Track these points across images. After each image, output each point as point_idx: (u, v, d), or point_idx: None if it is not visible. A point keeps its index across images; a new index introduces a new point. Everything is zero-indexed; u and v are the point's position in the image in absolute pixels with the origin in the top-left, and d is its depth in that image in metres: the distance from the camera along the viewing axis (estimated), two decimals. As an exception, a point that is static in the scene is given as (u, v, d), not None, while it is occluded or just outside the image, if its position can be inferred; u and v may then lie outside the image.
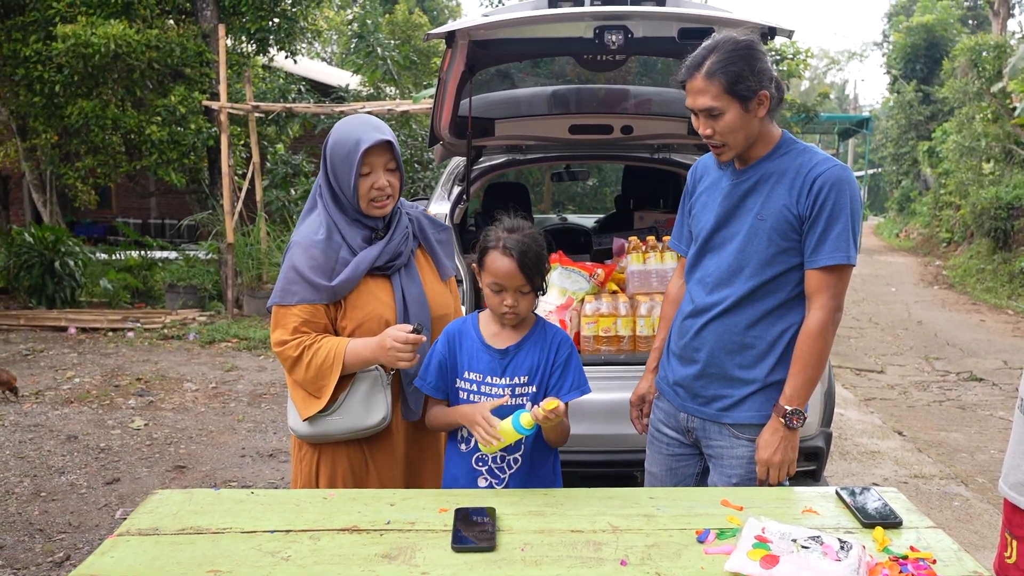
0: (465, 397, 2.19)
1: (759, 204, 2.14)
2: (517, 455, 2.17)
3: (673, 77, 2.16)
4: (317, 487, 2.30)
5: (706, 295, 2.23)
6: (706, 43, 2.08)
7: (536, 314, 2.30)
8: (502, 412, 2.08)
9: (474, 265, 2.23)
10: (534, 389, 2.15)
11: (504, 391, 2.15)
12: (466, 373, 2.19)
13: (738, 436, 2.22)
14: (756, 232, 2.13)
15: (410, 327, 2.09)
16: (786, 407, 2.13)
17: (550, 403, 1.91)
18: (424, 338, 2.11)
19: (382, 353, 2.11)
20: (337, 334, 2.24)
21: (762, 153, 2.16)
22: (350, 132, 2.21)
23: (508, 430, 1.97)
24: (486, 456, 2.17)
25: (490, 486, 2.19)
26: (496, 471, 2.19)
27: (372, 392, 2.23)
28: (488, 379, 2.17)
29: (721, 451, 2.26)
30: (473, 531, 1.70)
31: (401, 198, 2.36)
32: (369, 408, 2.23)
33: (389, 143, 2.21)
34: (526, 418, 1.95)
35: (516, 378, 2.16)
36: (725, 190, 2.21)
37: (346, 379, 2.19)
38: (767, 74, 2.06)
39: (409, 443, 2.36)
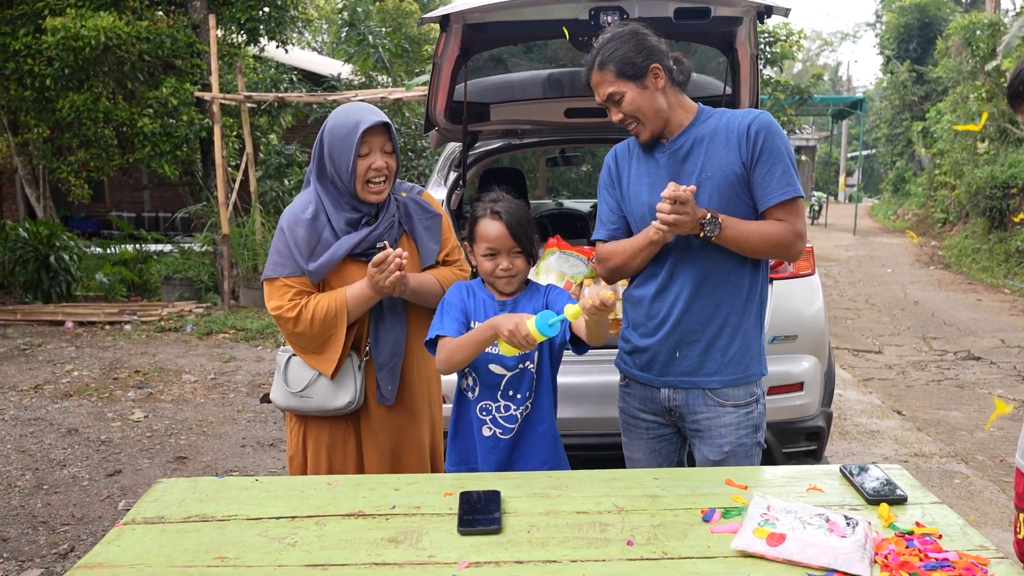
0: None
1: (700, 164, 2.19)
2: (527, 405, 2.23)
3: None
4: (305, 457, 2.39)
5: (667, 270, 2.25)
6: (596, 43, 2.21)
7: (530, 280, 2.36)
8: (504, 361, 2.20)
9: (465, 244, 2.31)
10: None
11: None
12: (473, 323, 2.23)
13: (722, 404, 2.24)
14: (704, 190, 2.16)
15: (379, 244, 2.21)
16: (715, 216, 2.11)
17: (606, 293, 1.90)
18: (390, 248, 2.17)
19: (372, 285, 2.18)
20: None
21: (686, 122, 2.24)
22: (348, 115, 2.25)
23: (534, 331, 1.97)
24: (489, 405, 2.23)
25: (493, 436, 2.23)
26: (501, 420, 2.23)
27: (342, 376, 2.30)
28: None
29: (708, 422, 2.27)
30: (479, 514, 1.70)
31: (397, 179, 2.38)
32: (337, 390, 2.29)
33: (387, 125, 2.25)
34: (571, 309, 1.95)
35: None
36: (662, 162, 2.25)
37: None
38: (656, 50, 2.18)
39: (391, 430, 2.39)
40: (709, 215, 2.10)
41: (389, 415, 2.38)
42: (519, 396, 2.23)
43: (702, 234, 2.11)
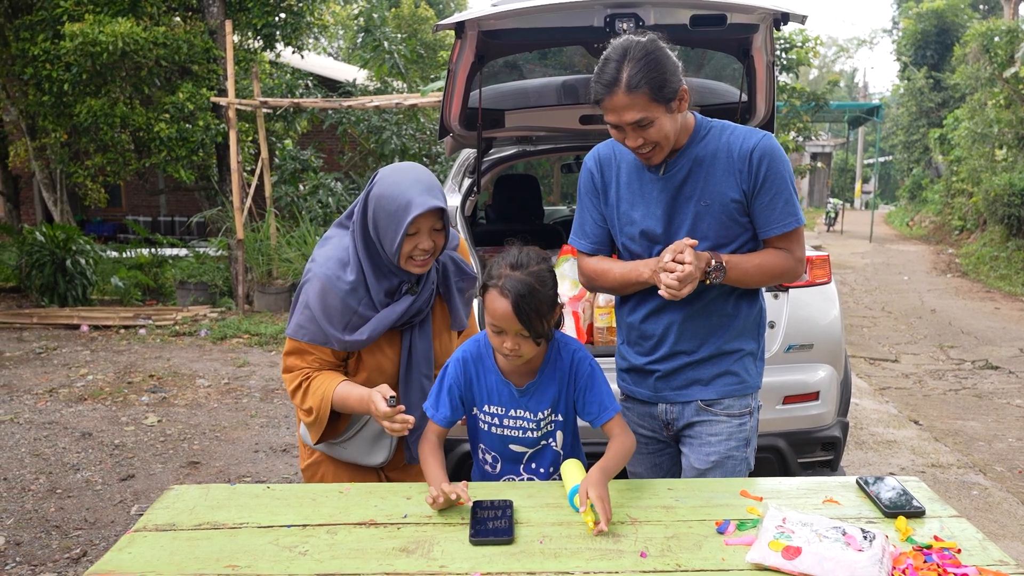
0: (486, 429, 2.12)
1: (698, 190, 2.09)
2: (551, 476, 2.13)
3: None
4: (318, 464, 2.34)
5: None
6: (609, 55, 1.97)
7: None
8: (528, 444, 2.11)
9: (480, 298, 2.09)
10: (560, 418, 2.10)
11: (531, 424, 2.08)
12: (486, 407, 2.10)
13: (716, 414, 2.20)
14: (702, 217, 2.09)
15: (389, 395, 1.96)
16: (720, 261, 2.03)
17: (588, 517, 1.71)
18: (403, 409, 1.98)
19: (365, 410, 2.04)
20: (347, 369, 2.20)
21: (683, 140, 2.11)
22: (401, 190, 2.03)
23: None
24: (513, 477, 2.14)
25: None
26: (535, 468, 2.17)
27: (380, 435, 2.25)
28: (512, 412, 2.08)
29: (700, 429, 2.22)
30: (491, 524, 1.69)
31: None
32: (373, 449, 2.26)
33: (441, 209, 2.05)
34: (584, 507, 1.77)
35: (540, 412, 2.08)
36: (659, 184, 2.12)
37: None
38: (680, 68, 2.00)
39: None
40: (714, 261, 2.02)
41: (418, 471, 2.26)
42: (542, 470, 2.14)
43: (708, 281, 2.03)
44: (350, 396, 2.06)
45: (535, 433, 2.09)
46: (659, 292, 1.99)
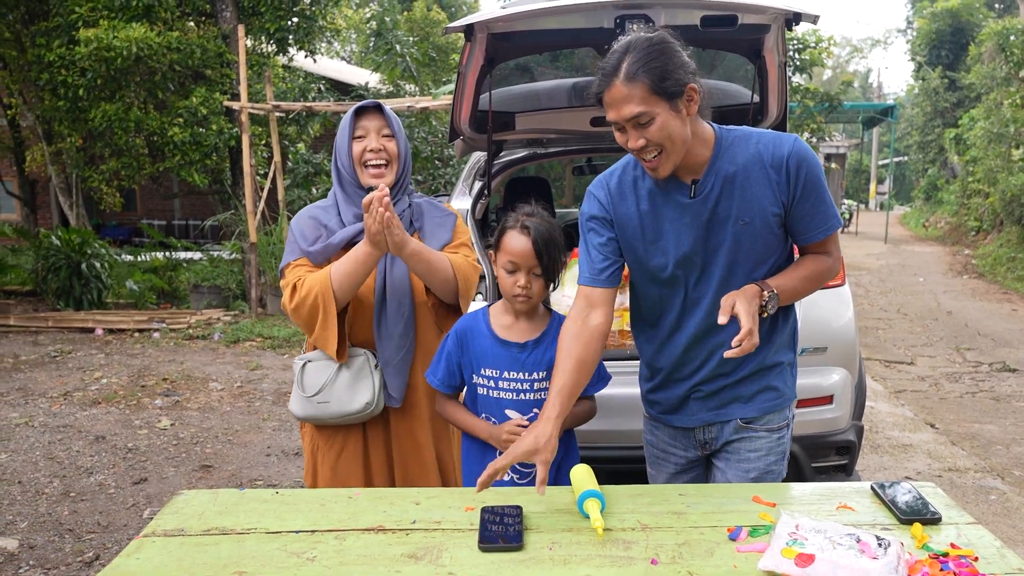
0: (484, 393, 2.20)
1: (734, 208, 1.94)
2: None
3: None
4: (316, 468, 2.36)
5: (705, 315, 2.05)
6: (614, 49, 1.85)
7: (552, 310, 2.29)
8: (521, 407, 2.12)
9: (490, 251, 2.22)
10: None
11: (524, 385, 2.15)
12: (482, 370, 2.18)
13: (755, 429, 2.13)
14: (741, 237, 1.96)
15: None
16: (772, 291, 1.93)
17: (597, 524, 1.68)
18: (384, 191, 2.04)
19: (367, 236, 2.11)
20: None
21: (707, 154, 1.95)
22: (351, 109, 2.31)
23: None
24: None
25: (511, 482, 2.18)
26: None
27: (358, 377, 2.26)
28: (506, 374, 2.17)
29: (738, 445, 2.15)
30: (500, 530, 1.67)
31: (414, 191, 2.38)
32: (355, 392, 2.25)
33: (380, 107, 2.28)
34: (594, 514, 1.73)
35: (536, 373, 2.16)
36: (691, 208, 1.96)
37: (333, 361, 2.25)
38: (690, 66, 1.85)
39: (398, 434, 2.34)
40: (766, 293, 1.90)
41: (396, 418, 2.33)
42: None
43: (766, 315, 1.93)
44: (346, 258, 2.17)
45: (529, 395, 2.15)
46: (727, 354, 1.82)
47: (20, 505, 4.09)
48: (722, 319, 1.82)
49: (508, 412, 2.18)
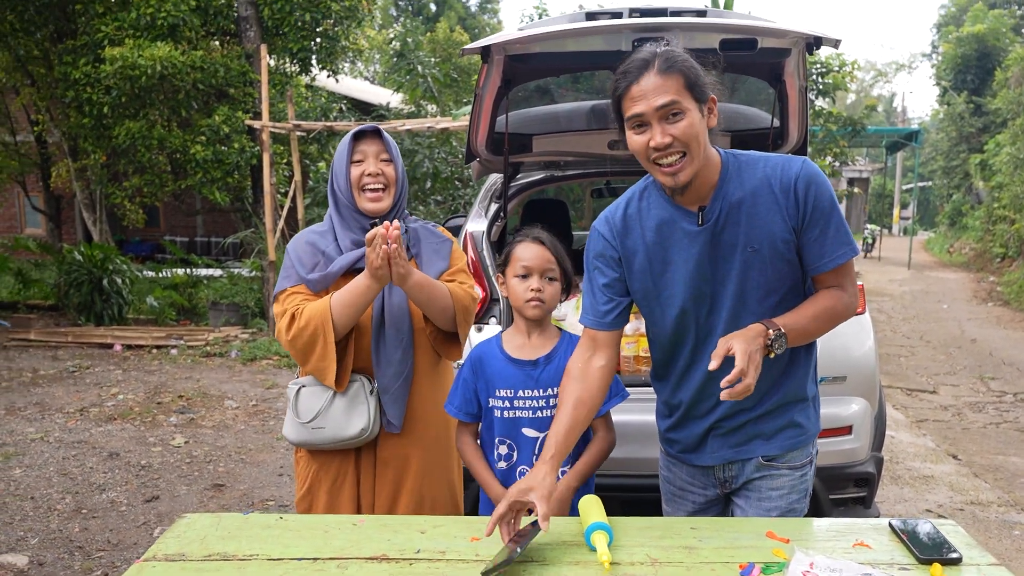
0: (499, 415, 2.20)
1: (742, 235, 1.87)
2: (567, 466, 2.18)
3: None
4: (310, 494, 2.32)
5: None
6: (637, 52, 1.82)
7: (562, 329, 2.29)
8: (539, 425, 2.12)
9: (498, 275, 2.25)
10: None
11: (539, 403, 2.15)
12: (497, 391, 2.19)
13: (777, 467, 2.05)
14: (750, 265, 1.89)
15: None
16: (779, 330, 1.82)
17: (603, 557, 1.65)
18: (396, 229, 2.01)
19: (369, 270, 2.08)
20: None
21: (713, 178, 1.88)
22: (349, 133, 2.30)
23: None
24: (526, 469, 2.14)
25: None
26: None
27: (354, 402, 2.23)
28: (521, 392, 2.18)
29: (760, 483, 2.07)
30: (507, 562, 1.63)
31: (411, 216, 2.38)
32: (350, 418, 2.22)
33: (378, 131, 2.27)
34: (601, 547, 1.69)
35: (551, 389, 2.16)
36: (699, 236, 1.89)
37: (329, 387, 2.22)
38: (712, 82, 1.83)
39: (397, 461, 2.30)
40: (771, 332, 1.80)
41: (393, 444, 2.29)
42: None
43: (772, 355, 1.82)
44: (346, 289, 2.14)
45: (546, 412, 2.15)
46: (722, 396, 1.74)
47: (32, 521, 4.09)
48: (713, 364, 1.72)
49: (526, 431, 2.17)
